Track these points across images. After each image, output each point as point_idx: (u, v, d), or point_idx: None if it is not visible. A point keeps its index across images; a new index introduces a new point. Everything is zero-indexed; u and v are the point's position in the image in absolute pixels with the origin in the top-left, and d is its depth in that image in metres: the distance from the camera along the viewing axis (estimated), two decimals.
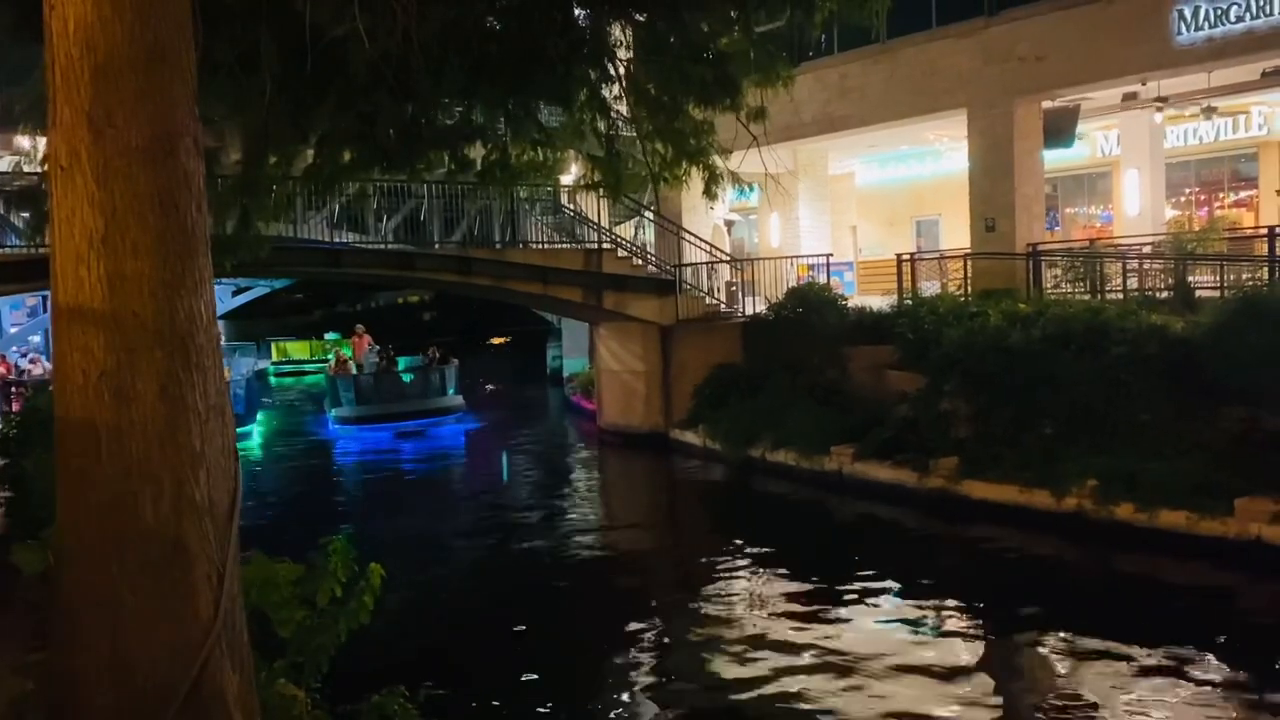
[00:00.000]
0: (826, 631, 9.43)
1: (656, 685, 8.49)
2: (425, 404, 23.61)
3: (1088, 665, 8.40)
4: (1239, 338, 11.82)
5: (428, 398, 23.78)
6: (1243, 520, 10.52)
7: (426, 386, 24.12)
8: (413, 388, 24.09)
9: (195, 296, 3.86)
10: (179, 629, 3.72)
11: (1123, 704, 7.66)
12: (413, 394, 23.82)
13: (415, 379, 24.40)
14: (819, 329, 16.50)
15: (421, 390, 23.99)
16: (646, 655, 9.15)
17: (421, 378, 24.45)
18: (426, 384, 24.19)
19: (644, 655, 9.14)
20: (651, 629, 9.79)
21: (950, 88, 18.61)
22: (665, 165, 8.89)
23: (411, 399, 23.58)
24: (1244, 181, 23.68)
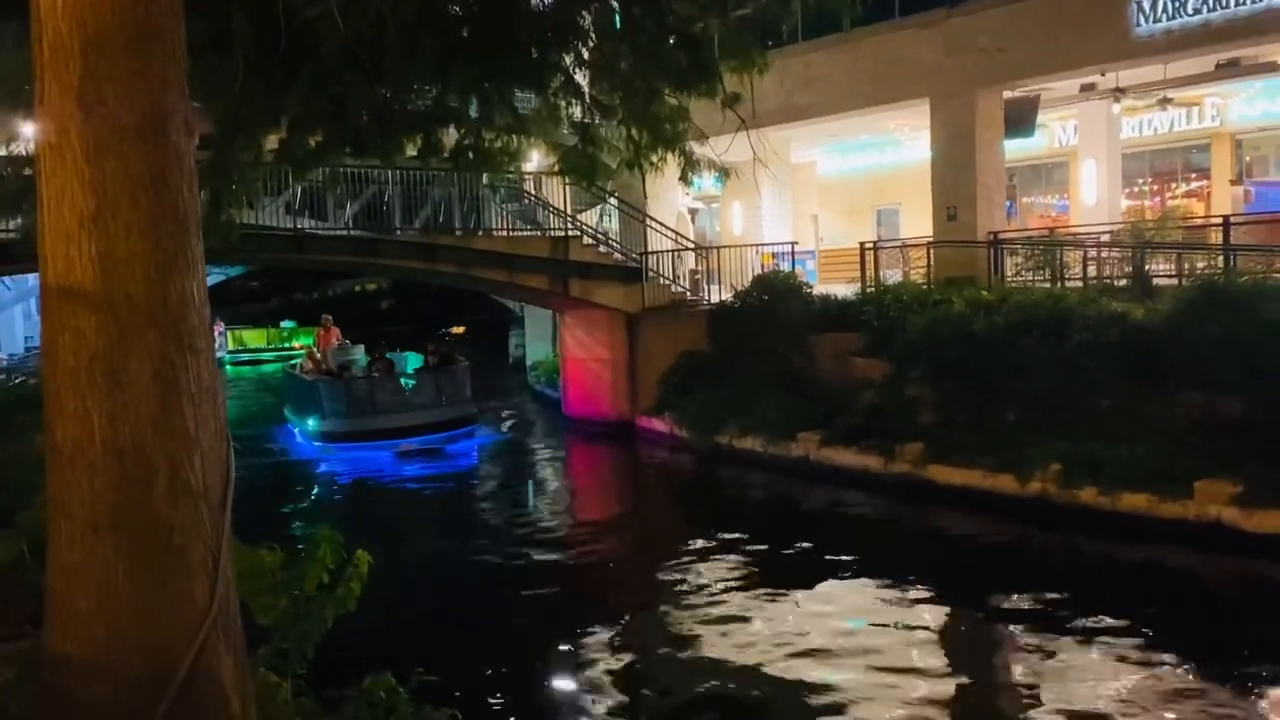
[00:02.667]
0: (793, 617, 9.53)
1: (625, 672, 8.50)
2: (435, 415, 19.11)
3: (1052, 645, 8.54)
4: (1197, 325, 12.08)
5: (438, 407, 19.30)
6: (1202, 502, 10.76)
7: (437, 393, 19.50)
8: (419, 395, 19.39)
9: (188, 277, 3.81)
10: (175, 614, 3.67)
11: (1085, 683, 7.80)
12: (420, 403, 19.25)
13: (421, 384, 19.63)
14: (784, 317, 16.61)
15: (430, 398, 19.39)
16: (616, 642, 9.16)
17: (429, 383, 19.67)
18: (437, 390, 19.54)
19: (613, 642, 9.15)
20: (620, 617, 9.82)
21: (913, 78, 18.77)
22: (640, 151, 8.90)
23: (418, 409, 19.09)
24: (1196, 172, 24.15)
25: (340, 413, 18.98)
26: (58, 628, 3.69)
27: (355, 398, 19.12)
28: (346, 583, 5.37)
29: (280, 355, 41.87)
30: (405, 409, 18.98)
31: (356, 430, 18.71)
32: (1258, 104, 21.47)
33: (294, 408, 21.64)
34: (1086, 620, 8.93)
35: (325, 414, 19.19)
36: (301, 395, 20.93)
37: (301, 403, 20.77)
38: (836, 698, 7.74)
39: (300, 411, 20.71)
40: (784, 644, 8.82)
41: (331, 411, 19.11)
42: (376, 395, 19.15)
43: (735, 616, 9.55)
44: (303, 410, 20.48)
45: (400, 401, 19.19)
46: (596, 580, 11.11)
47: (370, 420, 18.74)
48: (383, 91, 8.19)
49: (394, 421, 18.72)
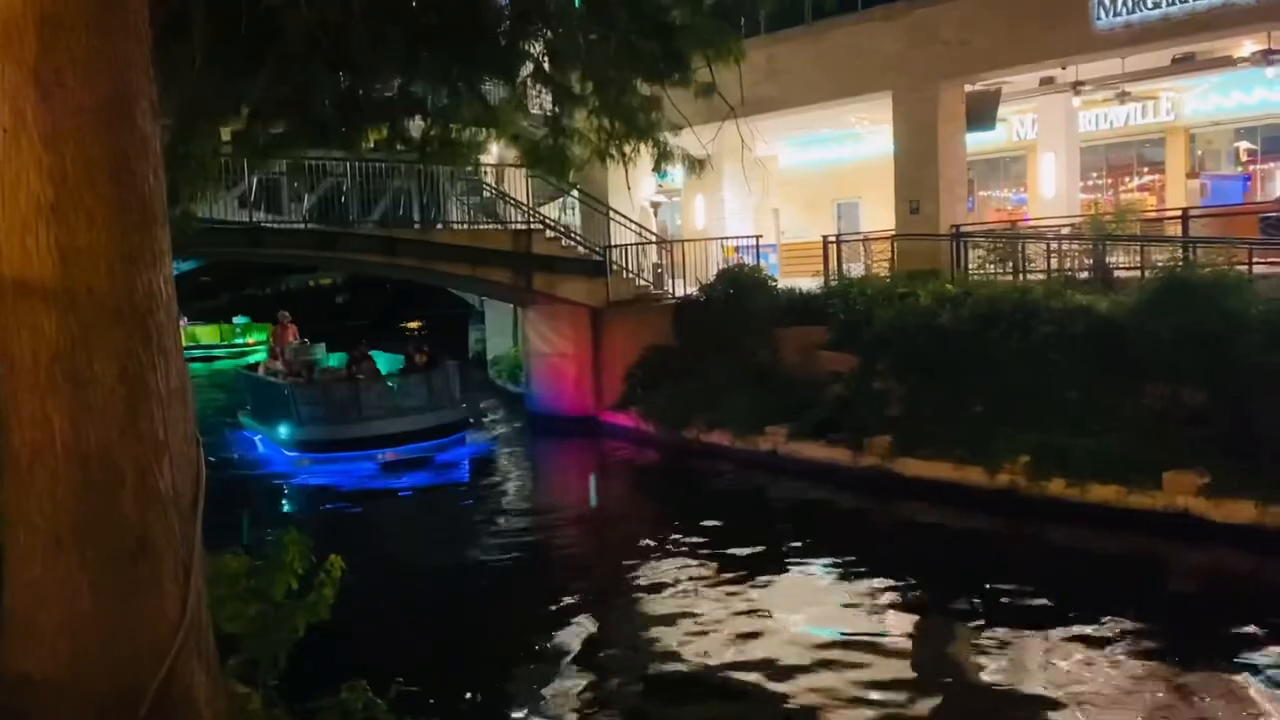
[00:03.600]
0: (763, 609, 9.47)
1: (598, 670, 8.39)
2: (426, 421, 17.21)
3: (1021, 636, 8.54)
4: (1161, 317, 12.15)
5: (430, 412, 17.41)
6: (1170, 493, 10.82)
7: (428, 397, 17.65)
8: (410, 399, 17.46)
9: (154, 270, 3.60)
10: (145, 629, 3.47)
11: (1054, 673, 7.78)
12: (410, 407, 17.33)
13: (410, 387, 17.76)
14: (750, 310, 16.52)
15: (421, 402, 17.49)
16: (585, 640, 9.02)
17: (419, 385, 17.80)
18: (427, 393, 17.66)
19: (582, 640, 9.02)
20: (593, 616, 9.68)
21: (876, 71, 18.76)
22: (613, 141, 8.73)
23: (408, 414, 17.16)
24: (1150, 166, 24.46)
25: (319, 419, 17.07)
26: (18, 647, 3.46)
27: (337, 402, 17.18)
28: (318, 589, 5.17)
29: (234, 352, 41.13)
30: (394, 414, 17.09)
31: (339, 438, 16.84)
32: (1211, 98, 21.76)
33: (256, 413, 19.49)
34: (1054, 611, 8.93)
35: (300, 420, 17.13)
36: (267, 399, 18.82)
37: (267, 407, 18.62)
38: (803, 689, 7.69)
39: (265, 417, 18.61)
40: (753, 636, 8.77)
41: (308, 418, 17.11)
42: (362, 399, 17.16)
43: (707, 611, 9.46)
44: (268, 416, 18.36)
45: (389, 406, 17.29)
46: (568, 580, 10.92)
47: (355, 427, 16.87)
48: (347, 80, 7.97)
49: (382, 428, 16.85)
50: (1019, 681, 7.73)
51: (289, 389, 17.81)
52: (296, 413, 17.19)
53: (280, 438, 17.69)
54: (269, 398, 18.77)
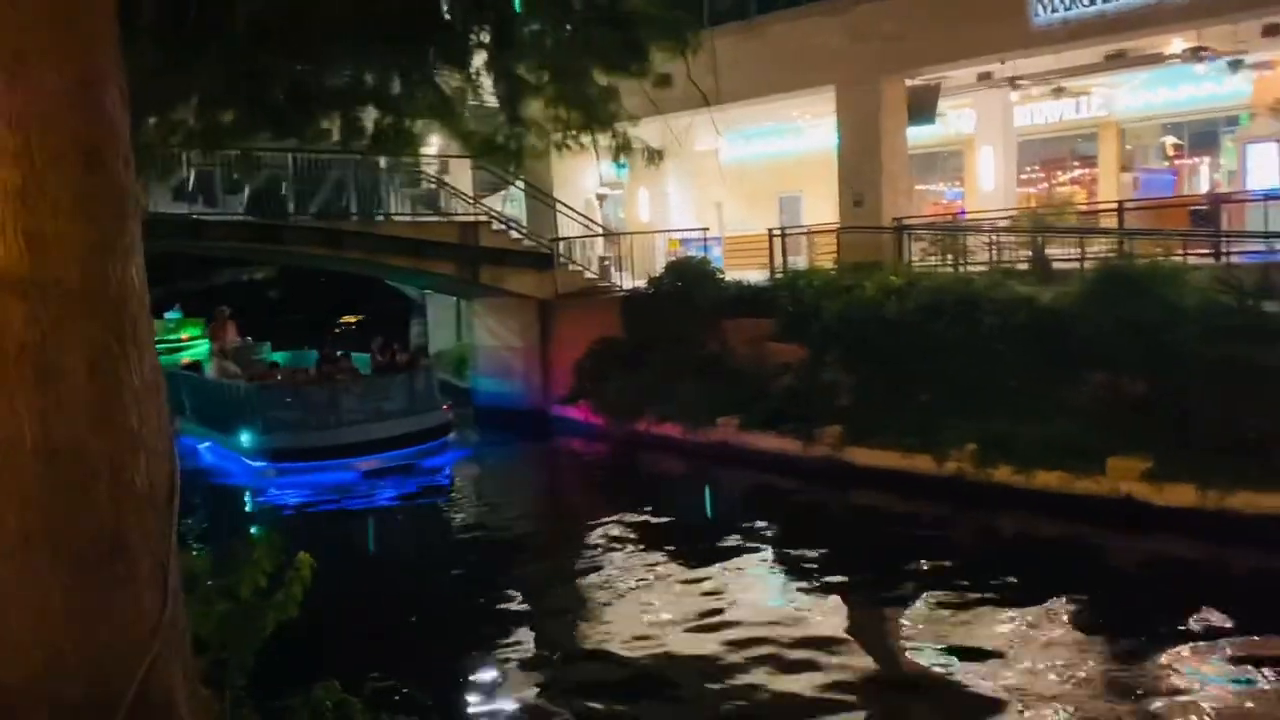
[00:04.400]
0: (714, 601, 9.51)
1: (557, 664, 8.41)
2: (410, 425, 16.01)
3: (967, 621, 8.72)
4: (1101, 306, 12.45)
5: (409, 416, 16.18)
6: (1114, 479, 11.09)
7: (409, 399, 16.42)
8: (391, 402, 16.25)
9: (126, 261, 3.47)
10: (122, 631, 3.34)
11: (999, 657, 7.92)
12: (390, 411, 16.11)
13: (391, 389, 16.47)
14: (699, 302, 16.57)
15: (404, 405, 16.26)
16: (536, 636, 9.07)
17: (400, 387, 16.53)
18: (409, 395, 16.46)
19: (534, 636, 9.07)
20: (546, 611, 9.73)
21: (819, 65, 18.90)
22: (569, 132, 8.67)
23: (391, 419, 15.93)
24: (1082, 160, 25.01)
25: (289, 424, 15.68)
26: None
27: (312, 406, 15.82)
28: (287, 587, 5.06)
29: (168, 348, 40.07)
30: (375, 418, 15.85)
31: (314, 446, 15.41)
32: (1140, 94, 22.31)
33: (203, 418, 17.59)
34: (1002, 596, 9.11)
35: (266, 426, 15.68)
36: (218, 402, 17.13)
37: (218, 412, 16.92)
38: (753, 673, 7.81)
39: (218, 423, 16.86)
40: (704, 625, 8.84)
41: (277, 423, 15.67)
42: (340, 402, 15.88)
43: (661, 601, 9.55)
44: (222, 422, 16.68)
45: (369, 409, 15.97)
46: (521, 577, 10.88)
47: (332, 433, 15.53)
48: (300, 68, 7.80)
49: (362, 434, 15.58)
50: (962, 664, 7.85)
51: (252, 391, 16.34)
52: (262, 418, 15.75)
53: (240, 446, 16.15)
54: (221, 401, 17.11)
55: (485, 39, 8.19)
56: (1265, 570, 9.50)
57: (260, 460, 15.85)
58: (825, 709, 7.24)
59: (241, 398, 16.49)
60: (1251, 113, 20.61)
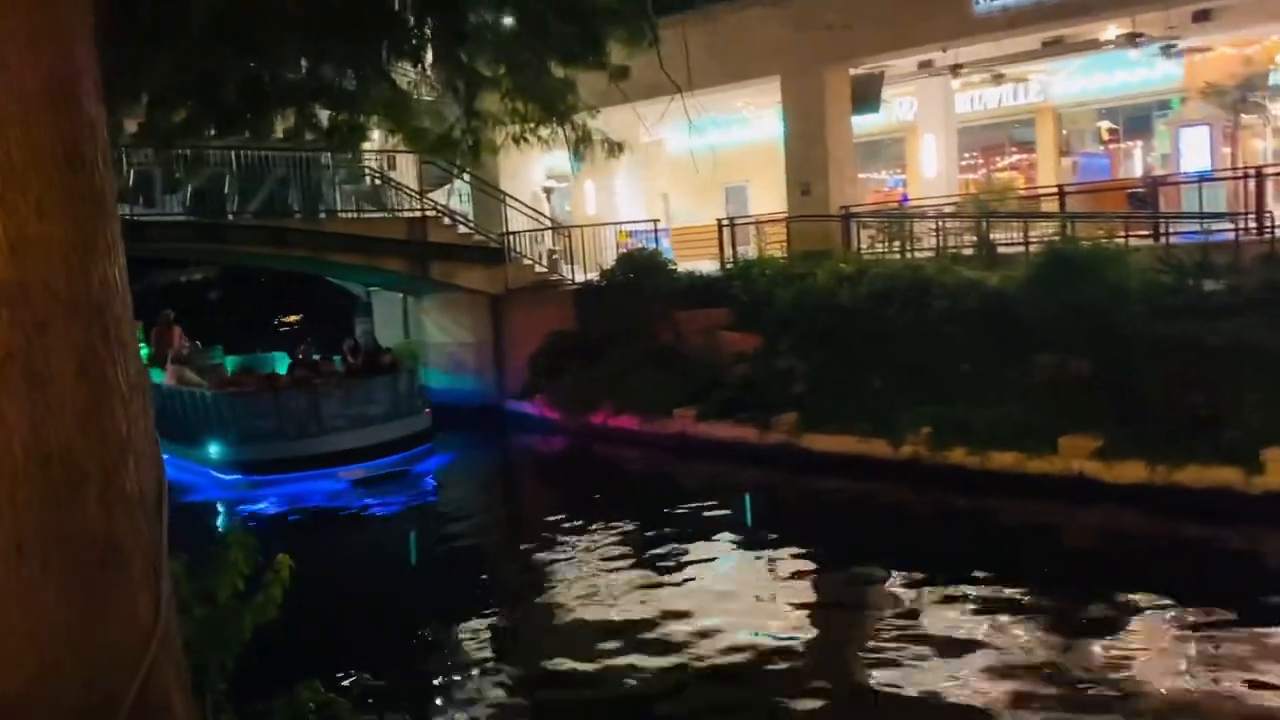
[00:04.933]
0: (674, 588, 9.61)
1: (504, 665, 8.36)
2: (394, 431, 15.23)
3: (926, 601, 8.86)
4: (1047, 289, 12.73)
5: (394, 421, 15.38)
6: (1066, 458, 11.35)
7: (393, 403, 15.56)
8: (375, 407, 15.35)
9: (109, 262, 3.42)
10: (117, 637, 3.30)
11: (957, 636, 8.05)
12: (374, 416, 15.26)
13: (373, 393, 15.50)
14: (652, 294, 16.61)
15: (387, 410, 15.42)
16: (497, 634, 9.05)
17: (383, 391, 15.59)
18: (393, 400, 15.60)
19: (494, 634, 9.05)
20: (501, 609, 9.70)
21: (764, 55, 19.02)
22: (527, 125, 8.64)
23: (375, 425, 15.11)
24: (1019, 145, 25.49)
25: (266, 435, 14.65)
26: None
27: (293, 413, 14.74)
28: (266, 589, 5.02)
29: None
30: (359, 425, 14.92)
31: (294, 456, 14.48)
32: (1076, 80, 22.79)
33: (161, 429, 17.12)
34: (959, 576, 9.24)
35: (240, 436, 14.73)
36: (178, 413, 15.74)
37: (179, 422, 15.53)
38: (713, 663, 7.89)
39: (177, 434, 15.29)
40: (664, 614, 8.89)
41: (252, 432, 14.68)
42: (322, 409, 14.84)
43: (623, 593, 9.57)
44: (183, 433, 15.34)
45: (353, 415, 15.00)
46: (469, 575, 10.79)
47: (314, 442, 14.59)
48: (253, 65, 7.68)
49: (346, 442, 14.62)
50: (921, 644, 7.96)
51: (222, 399, 15.22)
52: (235, 427, 14.75)
53: (207, 458, 15.07)
54: (181, 411, 15.79)
55: (440, 32, 8.16)
56: (1213, 541, 9.81)
57: (232, 473, 14.86)
58: (783, 694, 7.33)
59: (208, 406, 15.39)
60: (1183, 97, 21.18)
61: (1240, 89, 19.84)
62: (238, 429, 14.76)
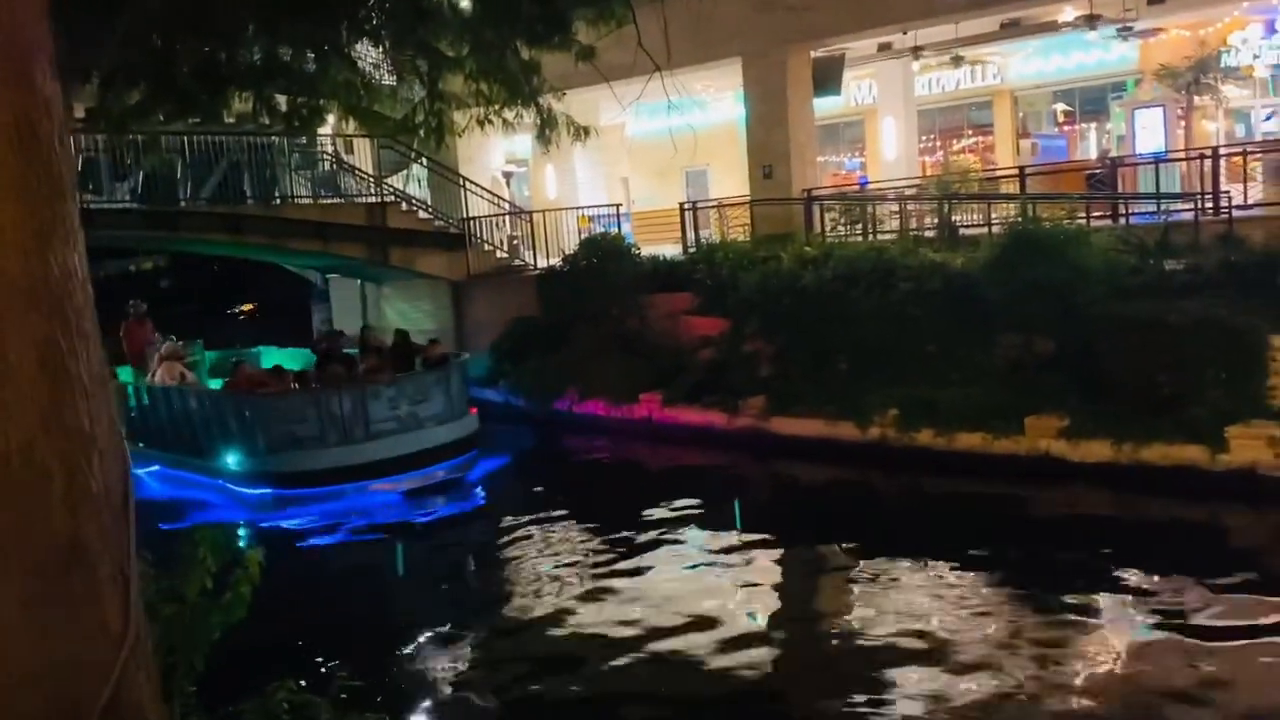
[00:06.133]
0: (642, 580, 9.56)
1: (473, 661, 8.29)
2: (444, 435, 13.13)
3: (894, 583, 8.91)
4: (1010, 270, 12.76)
5: (447, 423, 13.24)
6: (1033, 437, 11.42)
7: (445, 403, 13.35)
8: (424, 407, 13.15)
9: (69, 248, 3.24)
10: (86, 644, 3.14)
11: (926, 615, 8.11)
12: (426, 418, 13.11)
13: (423, 391, 13.25)
14: (616, 278, 16.48)
15: (438, 410, 13.24)
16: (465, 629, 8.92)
17: (435, 388, 13.36)
18: (447, 399, 13.38)
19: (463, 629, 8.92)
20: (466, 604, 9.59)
21: (724, 37, 18.87)
22: (492, 107, 8.48)
23: (425, 428, 13.04)
24: (976, 128, 25.65)
25: (302, 441, 12.56)
26: None
27: (335, 417, 12.58)
28: (235, 587, 4.85)
29: None
30: (411, 427, 12.88)
31: (338, 466, 12.45)
32: (1033, 63, 22.96)
33: (152, 435, 14.15)
34: (925, 556, 9.34)
35: (268, 445, 12.65)
36: (178, 417, 13.89)
37: (178, 428, 13.85)
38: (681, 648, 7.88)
39: (175, 441, 13.84)
40: (633, 604, 8.87)
41: (285, 440, 12.58)
42: (370, 410, 12.75)
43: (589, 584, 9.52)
44: (185, 440, 13.67)
45: (404, 418, 12.91)
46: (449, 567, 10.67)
47: (358, 450, 12.53)
48: (209, 44, 7.44)
49: (397, 448, 12.66)
50: (889, 625, 8.01)
51: (245, 401, 13.14)
52: (262, 433, 12.68)
53: (223, 469, 13.04)
54: (183, 414, 13.82)
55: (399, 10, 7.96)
56: (1179, 519, 9.91)
57: (258, 486, 12.80)
58: (751, 679, 7.36)
59: (223, 409, 13.34)
60: (1137, 79, 21.40)
61: (1193, 71, 20.07)
62: (266, 435, 12.66)
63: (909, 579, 8.98)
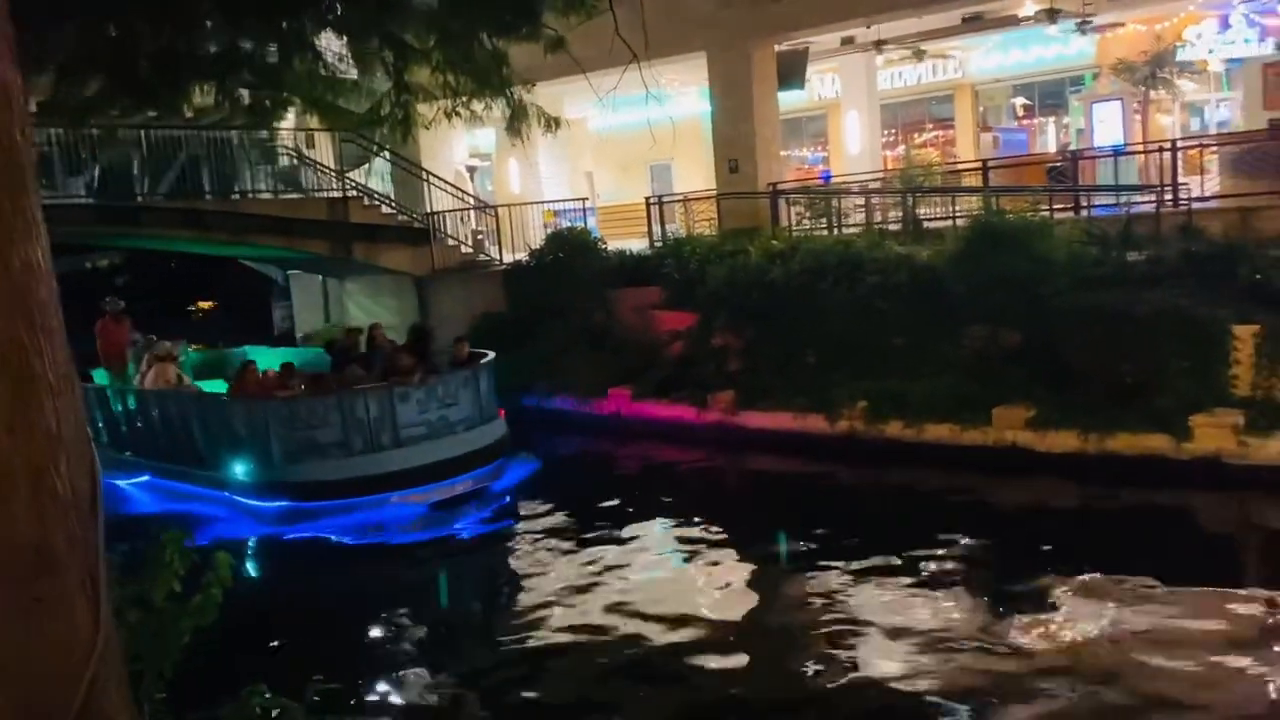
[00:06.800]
0: (611, 575, 9.52)
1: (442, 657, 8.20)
2: (476, 440, 12.20)
3: (859, 574, 8.91)
4: (975, 262, 12.85)
5: (478, 427, 12.34)
6: (1000, 428, 11.49)
7: (476, 406, 12.44)
8: (455, 410, 12.19)
9: (30, 241, 3.11)
10: (55, 652, 3.02)
11: (895, 609, 8.15)
12: (457, 422, 12.13)
13: (453, 392, 12.28)
14: (583, 273, 16.39)
15: (469, 413, 12.31)
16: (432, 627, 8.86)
17: (466, 389, 12.39)
18: (476, 401, 12.46)
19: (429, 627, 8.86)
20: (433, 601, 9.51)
21: (689, 30, 18.80)
22: (459, 99, 8.37)
23: (455, 432, 12.07)
24: (936, 122, 25.83)
25: (324, 449, 11.55)
26: None
27: (361, 422, 11.56)
28: (205, 589, 4.73)
29: None
30: (441, 433, 11.94)
31: (363, 475, 11.42)
32: (993, 57, 23.15)
33: (140, 443, 13.29)
34: (894, 547, 9.33)
35: (285, 453, 11.56)
36: (175, 423, 12.82)
37: (175, 435, 12.80)
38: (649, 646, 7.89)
39: (170, 450, 12.80)
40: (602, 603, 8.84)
41: (302, 448, 11.56)
42: (400, 413, 11.74)
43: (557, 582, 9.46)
44: (189, 449, 12.56)
45: (435, 422, 11.93)
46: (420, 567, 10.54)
47: (385, 458, 11.54)
48: (169, 34, 7.27)
49: (427, 454, 11.67)
50: (855, 618, 8.04)
51: (257, 405, 12.05)
52: (278, 440, 11.58)
53: (230, 480, 11.92)
54: (179, 420, 12.79)
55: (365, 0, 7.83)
56: (1145, 507, 10.00)
57: (272, 499, 11.68)
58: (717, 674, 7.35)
59: (232, 415, 12.31)
60: (1095, 73, 21.65)
61: (1149, 65, 20.34)
62: (282, 442, 11.59)
63: (878, 572, 8.94)
